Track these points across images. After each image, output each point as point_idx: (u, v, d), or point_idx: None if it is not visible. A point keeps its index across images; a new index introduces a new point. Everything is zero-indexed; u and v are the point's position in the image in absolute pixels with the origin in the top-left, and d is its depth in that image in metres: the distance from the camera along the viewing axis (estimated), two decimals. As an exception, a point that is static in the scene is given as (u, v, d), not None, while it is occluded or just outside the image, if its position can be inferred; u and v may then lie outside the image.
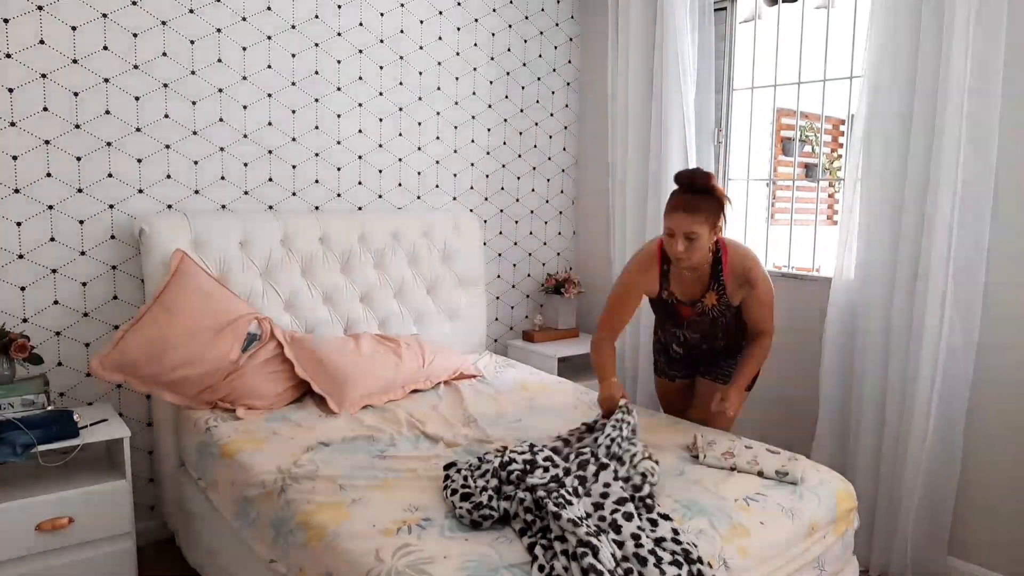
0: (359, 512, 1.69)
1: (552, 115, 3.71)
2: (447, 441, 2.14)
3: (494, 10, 3.42)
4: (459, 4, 3.30)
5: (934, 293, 2.35)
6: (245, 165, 2.80)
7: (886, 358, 2.52)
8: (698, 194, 2.12)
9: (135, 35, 2.51)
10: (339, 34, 2.97)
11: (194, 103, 2.66)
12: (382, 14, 3.08)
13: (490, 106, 3.48)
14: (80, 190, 2.47)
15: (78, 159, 2.46)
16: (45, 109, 2.38)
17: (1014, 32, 2.25)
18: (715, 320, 2.30)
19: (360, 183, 3.11)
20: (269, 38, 2.80)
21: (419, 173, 3.28)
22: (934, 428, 2.39)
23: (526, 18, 3.54)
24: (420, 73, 3.22)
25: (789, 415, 2.97)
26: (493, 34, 3.43)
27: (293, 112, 2.89)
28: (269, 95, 2.82)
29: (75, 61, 2.41)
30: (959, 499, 2.44)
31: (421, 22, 3.19)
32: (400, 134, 3.20)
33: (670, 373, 2.57)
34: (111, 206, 2.54)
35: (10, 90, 2.32)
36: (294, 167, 2.92)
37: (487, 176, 3.52)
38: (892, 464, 2.49)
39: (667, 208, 2.15)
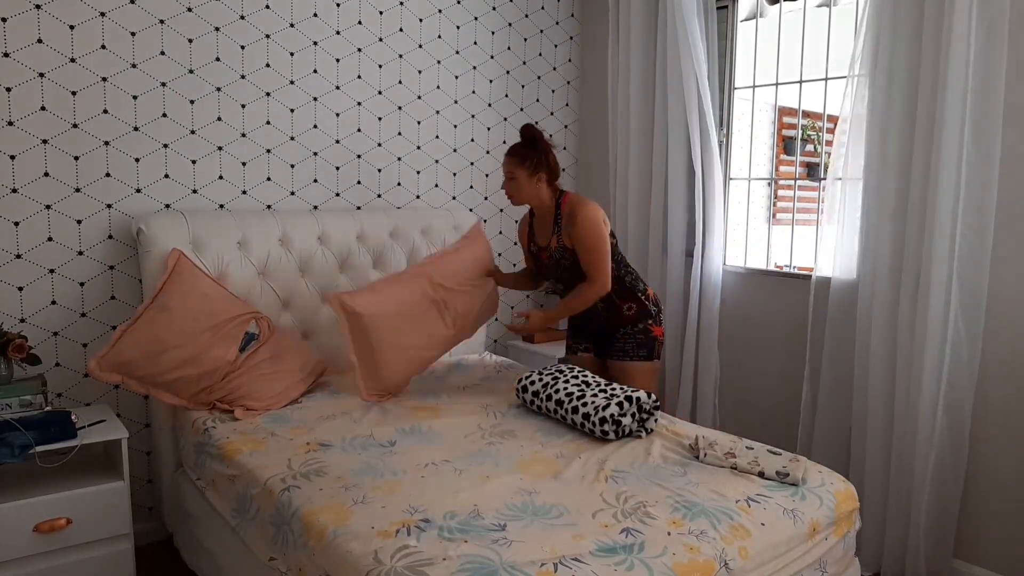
0: (358, 513, 1.68)
1: (552, 114, 3.69)
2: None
3: (494, 8, 3.41)
4: (458, 2, 3.29)
5: (938, 293, 2.33)
6: (243, 164, 2.79)
7: (892, 359, 2.50)
8: (522, 143, 2.58)
9: (133, 34, 2.50)
10: (338, 32, 2.96)
11: (192, 102, 2.65)
12: (381, 12, 3.06)
13: (490, 105, 3.46)
14: (78, 190, 2.46)
15: (76, 158, 2.45)
16: (43, 108, 2.37)
17: (1016, 30, 2.24)
18: (559, 262, 2.61)
19: (359, 182, 3.10)
20: (267, 37, 2.78)
21: (418, 172, 3.27)
22: (940, 430, 2.38)
23: (526, 16, 3.53)
24: (419, 72, 3.21)
25: (789, 414, 2.95)
26: (493, 32, 3.42)
27: (292, 111, 2.88)
28: (268, 94, 2.81)
29: (73, 60, 2.40)
30: (964, 501, 2.42)
31: (420, 20, 3.18)
32: (399, 133, 3.19)
33: (574, 346, 2.78)
34: (109, 206, 2.53)
35: (8, 89, 2.31)
36: (292, 166, 2.91)
37: (487, 175, 3.51)
38: (902, 466, 2.48)
39: None
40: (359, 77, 3.04)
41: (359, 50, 3.02)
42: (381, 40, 3.08)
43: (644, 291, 2.67)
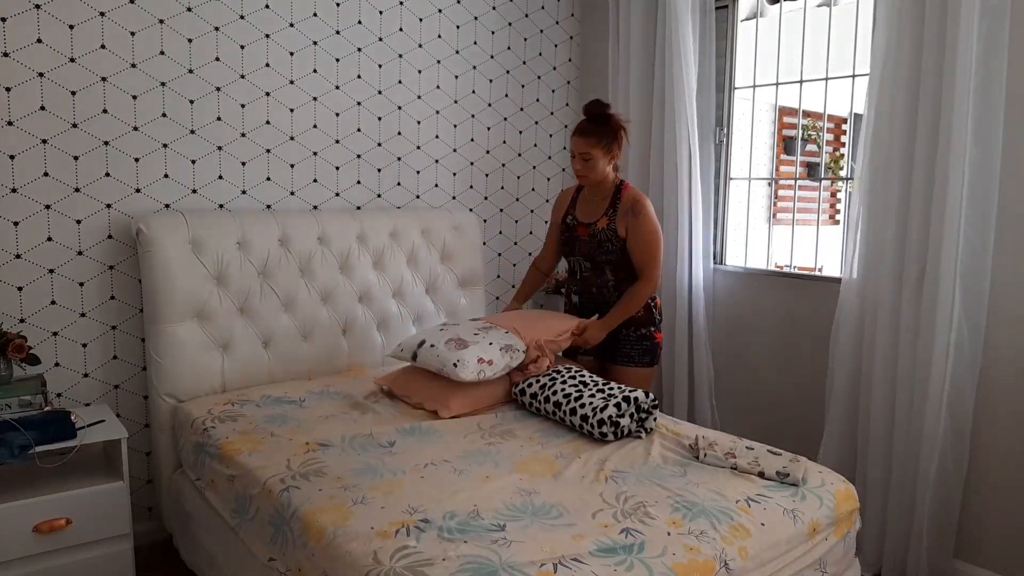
0: (358, 513, 1.68)
1: (552, 113, 3.69)
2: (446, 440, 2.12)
3: (494, 8, 3.40)
4: (458, 2, 3.28)
5: (943, 294, 2.33)
6: (243, 164, 2.79)
7: (895, 360, 2.50)
8: (593, 122, 2.53)
9: (133, 34, 2.50)
10: (338, 32, 2.95)
11: (192, 102, 2.65)
12: (381, 12, 3.06)
13: (490, 104, 3.46)
14: (77, 189, 2.46)
15: (75, 158, 2.44)
16: (42, 108, 2.37)
17: (1018, 30, 2.23)
18: (601, 244, 2.60)
19: (359, 182, 3.10)
20: (267, 36, 2.78)
21: (418, 172, 3.27)
22: (943, 430, 2.37)
23: (526, 16, 3.52)
24: (419, 71, 3.20)
25: (796, 417, 2.95)
26: (492, 32, 3.42)
27: (291, 111, 2.88)
28: (267, 94, 2.81)
29: (72, 60, 2.40)
30: (965, 501, 2.42)
31: (420, 20, 3.18)
32: (399, 133, 3.19)
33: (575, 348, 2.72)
34: (108, 205, 2.53)
35: (7, 89, 2.30)
36: (292, 166, 2.91)
37: (487, 175, 3.50)
38: (903, 466, 2.47)
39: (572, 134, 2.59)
40: (359, 77, 3.04)
41: (359, 50, 3.02)
42: (381, 40, 3.08)
43: (654, 299, 2.69)
